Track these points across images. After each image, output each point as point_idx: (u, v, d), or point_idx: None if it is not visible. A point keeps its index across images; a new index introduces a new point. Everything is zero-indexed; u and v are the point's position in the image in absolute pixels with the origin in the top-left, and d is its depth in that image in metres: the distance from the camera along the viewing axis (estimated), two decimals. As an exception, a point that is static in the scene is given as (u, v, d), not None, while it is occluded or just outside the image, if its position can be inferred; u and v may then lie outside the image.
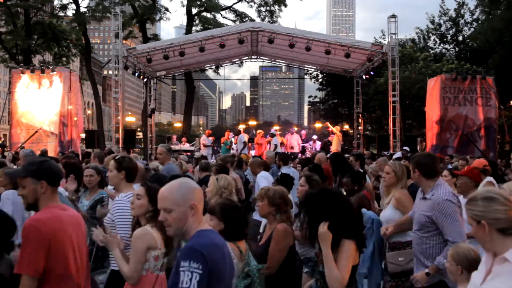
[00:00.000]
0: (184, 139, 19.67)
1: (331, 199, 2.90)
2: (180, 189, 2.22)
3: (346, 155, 10.57)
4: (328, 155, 9.10)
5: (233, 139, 19.07)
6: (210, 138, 18.94)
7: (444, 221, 3.57)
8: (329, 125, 21.93)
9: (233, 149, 18.81)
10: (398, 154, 11.61)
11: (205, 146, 18.38)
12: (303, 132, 21.37)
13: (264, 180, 7.06)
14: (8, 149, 17.87)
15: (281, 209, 3.64)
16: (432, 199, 3.69)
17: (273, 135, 17.90)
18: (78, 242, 2.73)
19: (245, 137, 18.25)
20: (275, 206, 3.65)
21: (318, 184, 4.56)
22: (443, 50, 32.03)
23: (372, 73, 19.37)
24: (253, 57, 22.59)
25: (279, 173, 6.75)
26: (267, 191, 3.73)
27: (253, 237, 6.48)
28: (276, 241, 3.53)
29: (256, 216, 6.79)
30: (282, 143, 18.01)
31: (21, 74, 17.03)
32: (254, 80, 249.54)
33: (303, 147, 18.75)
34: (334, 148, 17.60)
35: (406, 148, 14.72)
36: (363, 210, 4.69)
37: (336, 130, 18.62)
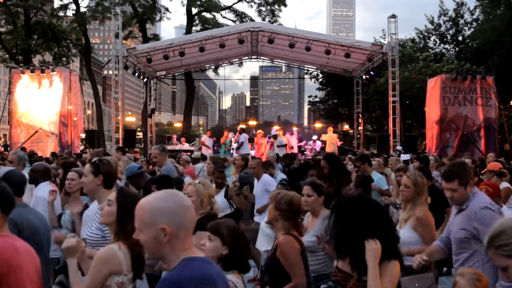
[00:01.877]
0: (183, 139, 19.66)
1: (372, 210, 2.41)
2: (152, 207, 1.78)
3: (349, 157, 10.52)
4: (323, 156, 8.69)
5: (232, 139, 19.04)
6: (212, 139, 18.83)
7: (484, 232, 3.04)
8: (313, 139, 20.79)
9: (233, 149, 18.80)
10: (406, 156, 11.34)
11: (205, 146, 18.32)
12: (295, 131, 21.39)
13: (272, 184, 6.54)
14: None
15: (285, 216, 3.34)
16: (468, 210, 3.28)
17: (275, 137, 17.74)
18: (34, 277, 2.40)
19: (246, 137, 18.19)
20: (279, 211, 3.36)
21: (326, 190, 4.09)
22: (443, 50, 32.02)
23: (372, 73, 19.39)
24: (253, 57, 22.59)
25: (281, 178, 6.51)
26: (276, 194, 3.44)
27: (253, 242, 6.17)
28: (284, 257, 3.20)
29: (257, 218, 6.58)
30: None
31: (21, 74, 17.03)
32: (254, 80, 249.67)
33: (299, 146, 18.84)
34: (328, 149, 17.68)
35: (399, 147, 14.62)
36: None
37: (329, 132, 18.78)
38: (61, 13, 30.25)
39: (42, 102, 16.70)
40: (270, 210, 3.42)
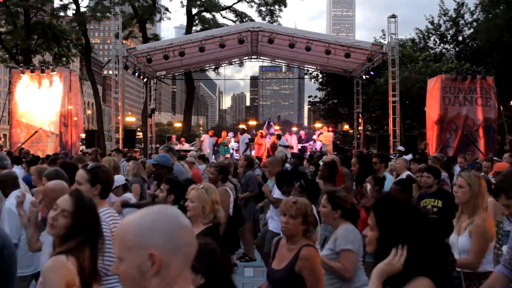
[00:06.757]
0: (182, 139, 19.64)
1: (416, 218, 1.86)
2: (138, 225, 1.31)
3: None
4: (355, 155, 7.74)
5: (232, 139, 18.99)
6: (213, 138, 18.76)
7: None
8: (314, 139, 20.47)
9: (233, 148, 18.79)
10: (409, 156, 11.27)
11: (206, 145, 18.27)
12: (302, 132, 21.31)
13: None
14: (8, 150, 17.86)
15: (312, 227, 3.01)
16: None
17: (279, 137, 17.65)
18: None
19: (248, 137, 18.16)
20: (307, 225, 2.96)
21: (343, 203, 3.47)
22: (443, 50, 32.02)
23: (372, 73, 19.38)
24: (253, 57, 22.58)
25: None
26: (299, 206, 2.98)
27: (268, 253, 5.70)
28: (310, 272, 2.88)
29: (272, 226, 5.73)
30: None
31: (21, 74, 17.01)
32: (254, 80, 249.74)
33: (303, 147, 18.75)
34: (323, 148, 17.76)
35: (400, 148, 14.58)
36: None
37: (324, 132, 18.79)
38: (61, 13, 30.26)
39: (42, 102, 16.68)
40: (296, 225, 2.98)
